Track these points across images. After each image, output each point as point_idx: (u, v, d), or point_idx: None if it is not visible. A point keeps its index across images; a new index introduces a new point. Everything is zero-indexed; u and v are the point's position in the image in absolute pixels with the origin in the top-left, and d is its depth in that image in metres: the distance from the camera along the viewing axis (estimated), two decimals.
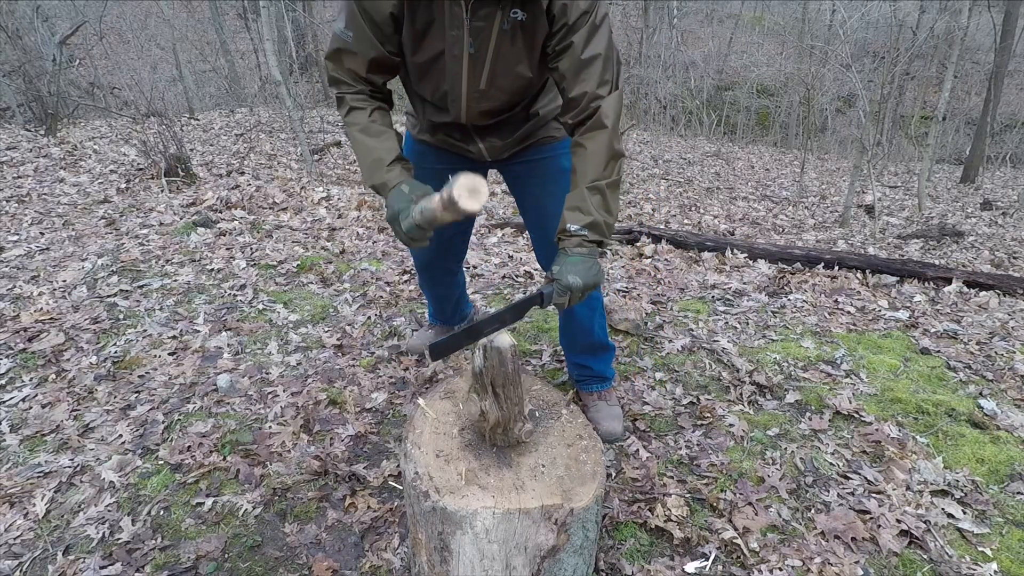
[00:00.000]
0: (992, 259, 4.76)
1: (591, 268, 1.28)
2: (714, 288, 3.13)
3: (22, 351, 2.21)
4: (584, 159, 1.31)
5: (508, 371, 1.09)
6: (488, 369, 1.09)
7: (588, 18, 1.25)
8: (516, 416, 1.15)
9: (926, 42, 11.88)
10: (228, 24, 12.95)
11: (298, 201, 4.37)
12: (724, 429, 1.89)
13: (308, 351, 2.30)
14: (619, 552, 1.44)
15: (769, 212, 6.23)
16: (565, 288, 1.25)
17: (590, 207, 1.30)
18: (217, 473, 1.67)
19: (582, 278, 1.25)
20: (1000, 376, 2.28)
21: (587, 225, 1.30)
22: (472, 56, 1.31)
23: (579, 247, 1.30)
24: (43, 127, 6.28)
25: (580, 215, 1.31)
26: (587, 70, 1.28)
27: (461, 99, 1.39)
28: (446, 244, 1.85)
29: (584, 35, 1.25)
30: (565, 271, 1.26)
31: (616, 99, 1.31)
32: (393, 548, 1.44)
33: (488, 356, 1.08)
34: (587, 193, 1.31)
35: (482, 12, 1.24)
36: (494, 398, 1.12)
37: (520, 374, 1.14)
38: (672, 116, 13.11)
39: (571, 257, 1.29)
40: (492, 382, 1.10)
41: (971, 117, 12.50)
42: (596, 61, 1.27)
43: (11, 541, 1.44)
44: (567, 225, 1.32)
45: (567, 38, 1.26)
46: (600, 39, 1.27)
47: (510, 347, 1.08)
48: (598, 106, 1.29)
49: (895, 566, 1.43)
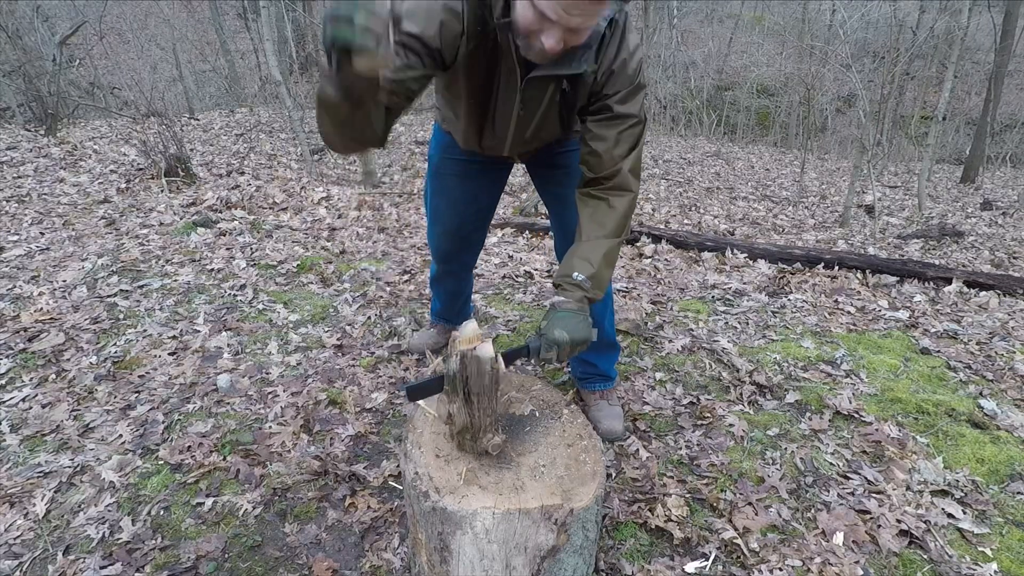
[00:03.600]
0: (992, 259, 4.76)
1: (580, 324, 1.29)
2: (714, 288, 3.13)
3: (22, 351, 2.21)
4: (606, 215, 1.36)
5: (485, 382, 1.08)
6: (464, 376, 1.08)
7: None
8: (486, 427, 1.13)
9: (926, 42, 11.88)
10: (228, 24, 12.95)
11: (298, 201, 4.37)
12: (724, 429, 1.89)
13: (308, 351, 2.30)
14: (619, 552, 1.44)
15: (769, 212, 6.23)
16: (552, 343, 1.26)
17: (600, 261, 1.34)
18: (217, 473, 1.67)
19: (570, 333, 1.26)
20: (1000, 376, 2.28)
21: (591, 277, 1.33)
22: (520, 116, 1.36)
23: (570, 303, 1.31)
24: (43, 127, 6.28)
25: (588, 266, 1.33)
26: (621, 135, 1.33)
27: (506, 143, 1.45)
28: (467, 236, 1.88)
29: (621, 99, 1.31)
30: (553, 326, 1.27)
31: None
32: (393, 548, 1.44)
33: (467, 364, 1.06)
34: (599, 246, 1.35)
35: (537, 85, 1.28)
36: (465, 404, 1.11)
37: (496, 387, 1.11)
38: (672, 116, 13.11)
39: (560, 312, 1.30)
40: (467, 389, 1.09)
41: (971, 117, 12.51)
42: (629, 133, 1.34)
43: (11, 541, 1.44)
44: (573, 273, 1.33)
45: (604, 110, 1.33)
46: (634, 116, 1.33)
47: (489, 359, 1.06)
48: (618, 170, 1.34)
49: (895, 566, 1.43)
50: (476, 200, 1.78)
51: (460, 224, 1.82)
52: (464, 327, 1.09)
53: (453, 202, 1.77)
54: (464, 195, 1.75)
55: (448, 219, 1.81)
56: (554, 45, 1.11)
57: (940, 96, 6.59)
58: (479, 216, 1.83)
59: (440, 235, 1.87)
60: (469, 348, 1.06)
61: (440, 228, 1.85)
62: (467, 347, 1.06)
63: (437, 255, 1.97)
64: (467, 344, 1.06)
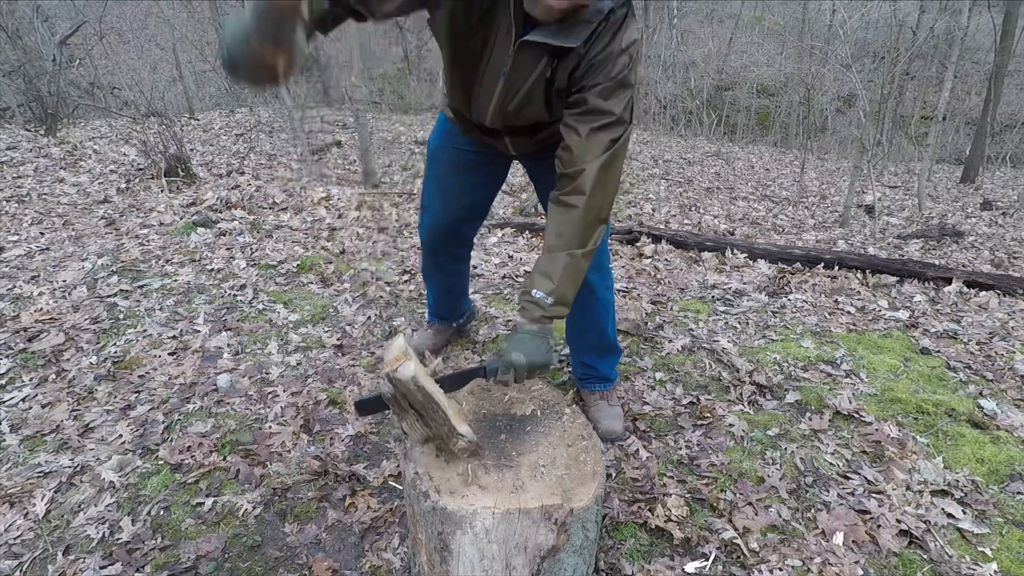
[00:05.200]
0: (992, 259, 4.76)
1: (539, 347, 1.27)
2: (714, 288, 3.13)
3: (22, 351, 2.21)
4: (565, 223, 1.30)
5: (418, 399, 1.08)
6: (403, 395, 1.08)
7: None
8: (447, 434, 1.13)
9: (926, 42, 11.88)
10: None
11: (298, 201, 4.37)
12: (724, 429, 1.89)
13: (308, 351, 2.30)
14: (619, 552, 1.44)
15: (769, 212, 6.22)
16: (509, 365, 1.25)
17: (560, 275, 1.29)
18: (217, 473, 1.67)
19: (527, 356, 1.24)
20: (1000, 376, 2.28)
21: (552, 293, 1.29)
22: (507, 82, 1.31)
23: (530, 325, 1.29)
24: (43, 127, 6.28)
25: (548, 282, 1.29)
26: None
27: (488, 110, 1.40)
28: (457, 230, 1.84)
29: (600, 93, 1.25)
30: (511, 348, 1.26)
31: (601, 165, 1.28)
32: (393, 548, 1.44)
33: (396, 385, 1.06)
34: (559, 260, 1.29)
35: (529, 52, 1.24)
36: (419, 418, 1.11)
37: (433, 399, 1.09)
38: (672, 116, 13.10)
39: (520, 335, 1.28)
40: (411, 405, 1.09)
41: (971, 117, 12.50)
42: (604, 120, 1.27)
43: (11, 541, 1.44)
44: (533, 290, 1.30)
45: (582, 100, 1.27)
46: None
47: (411, 379, 1.04)
48: (583, 170, 1.27)
49: (895, 566, 1.43)
50: (470, 193, 1.73)
51: (449, 218, 1.77)
52: (389, 346, 1.07)
53: (445, 191, 1.72)
54: (458, 186, 1.70)
55: (438, 210, 1.77)
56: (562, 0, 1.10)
57: (940, 96, 6.59)
58: (471, 210, 1.79)
59: (429, 226, 1.83)
60: (391, 369, 1.04)
61: (429, 218, 1.82)
62: (390, 368, 1.04)
63: (425, 245, 1.90)
64: (391, 365, 1.05)
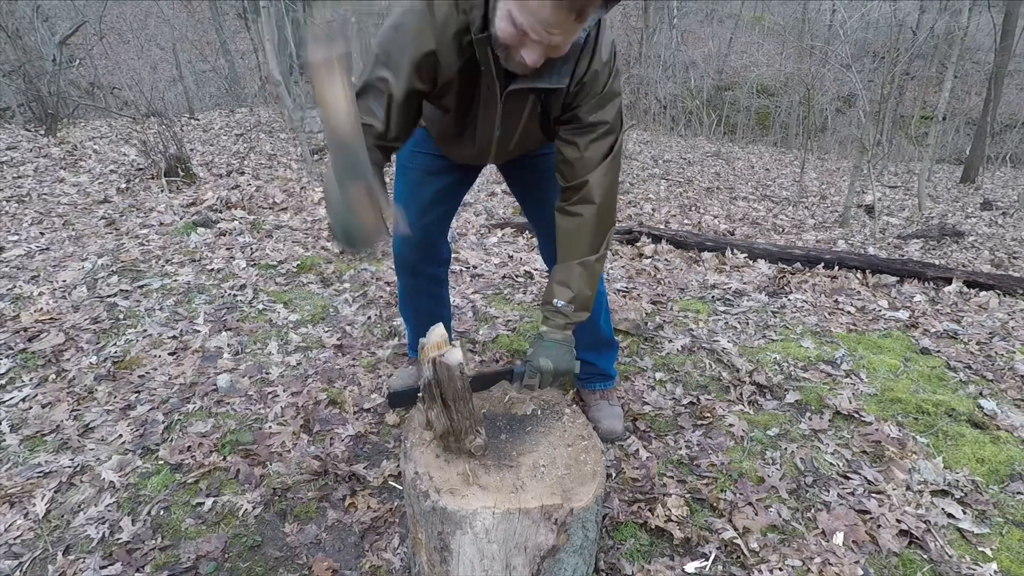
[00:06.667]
0: (992, 259, 4.76)
1: (565, 355, 1.36)
2: (714, 288, 3.13)
3: (22, 351, 2.21)
4: (577, 234, 1.37)
5: (457, 387, 1.09)
6: (437, 382, 1.08)
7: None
8: (468, 429, 1.14)
9: (926, 42, 11.89)
10: (228, 24, 12.95)
11: (298, 201, 4.37)
12: (724, 429, 1.89)
13: (308, 351, 2.30)
14: (619, 552, 1.44)
15: (769, 212, 6.22)
16: (536, 370, 1.32)
17: (577, 282, 1.37)
18: (217, 473, 1.67)
19: (554, 363, 1.33)
20: (1000, 376, 2.28)
21: (572, 300, 1.37)
22: (502, 128, 1.35)
23: (555, 333, 1.37)
24: (43, 127, 6.28)
25: (567, 291, 1.37)
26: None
27: (489, 154, 1.44)
28: (432, 243, 1.73)
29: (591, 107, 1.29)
30: (539, 354, 1.34)
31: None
32: (393, 548, 1.44)
33: (438, 371, 1.07)
34: (574, 268, 1.37)
35: (516, 97, 1.27)
36: (444, 409, 1.11)
37: (469, 391, 1.11)
38: (672, 116, 13.09)
39: (546, 342, 1.36)
40: (443, 395, 1.10)
41: (971, 117, 12.50)
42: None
43: (11, 541, 1.44)
44: (554, 300, 1.38)
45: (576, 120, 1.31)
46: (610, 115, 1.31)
47: (458, 364, 1.06)
48: (587, 181, 1.33)
49: (895, 566, 1.43)
50: (443, 202, 1.67)
51: (424, 231, 1.68)
52: (431, 332, 1.09)
53: (418, 200, 1.64)
54: (432, 194, 1.63)
55: (411, 223, 1.65)
56: (536, 60, 1.10)
57: (940, 96, 6.59)
58: (443, 221, 1.72)
59: (402, 243, 1.72)
60: (438, 355, 1.06)
61: (402, 234, 1.67)
62: (436, 353, 1.06)
63: (402, 266, 1.78)
64: (436, 351, 1.07)
